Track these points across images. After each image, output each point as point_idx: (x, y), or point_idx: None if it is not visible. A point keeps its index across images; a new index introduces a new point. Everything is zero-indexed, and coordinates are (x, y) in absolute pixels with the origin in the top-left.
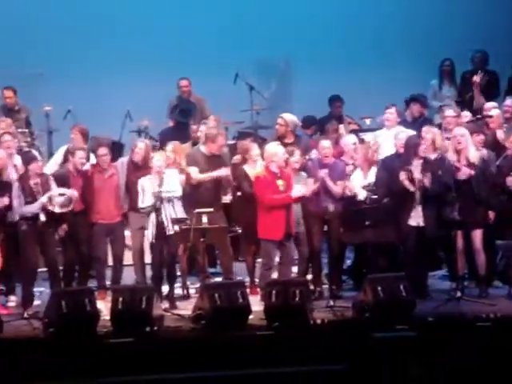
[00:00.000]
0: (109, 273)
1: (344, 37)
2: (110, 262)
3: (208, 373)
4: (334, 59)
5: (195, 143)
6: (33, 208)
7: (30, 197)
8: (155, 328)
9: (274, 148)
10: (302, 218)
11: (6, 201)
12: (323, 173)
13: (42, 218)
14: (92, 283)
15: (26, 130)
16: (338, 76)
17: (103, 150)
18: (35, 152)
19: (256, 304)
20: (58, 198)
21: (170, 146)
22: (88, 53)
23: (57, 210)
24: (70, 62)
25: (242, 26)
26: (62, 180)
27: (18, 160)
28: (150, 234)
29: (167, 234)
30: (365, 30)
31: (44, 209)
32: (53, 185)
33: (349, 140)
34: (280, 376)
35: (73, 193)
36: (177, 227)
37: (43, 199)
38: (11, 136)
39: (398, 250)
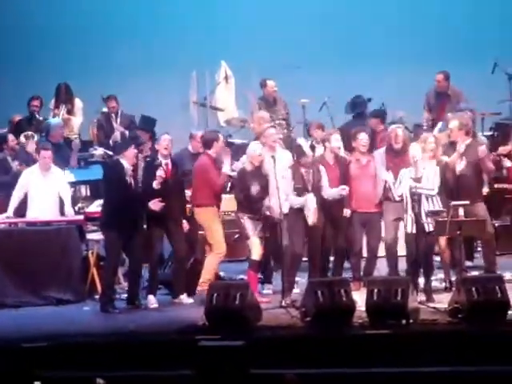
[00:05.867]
0: (361, 263)
1: None
2: (364, 252)
3: (464, 367)
4: None
5: None
6: (299, 201)
7: (300, 184)
8: (411, 321)
9: None
10: None
11: (255, 191)
12: None
13: (311, 208)
14: (345, 273)
15: (284, 122)
16: None
17: (364, 135)
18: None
19: None
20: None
21: (432, 137)
22: (340, 45)
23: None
24: (324, 55)
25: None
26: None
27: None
28: (409, 225)
29: (426, 230)
30: None
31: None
32: (324, 176)
33: None
34: None
35: (344, 189)
36: (432, 220)
37: (309, 196)
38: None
39: None
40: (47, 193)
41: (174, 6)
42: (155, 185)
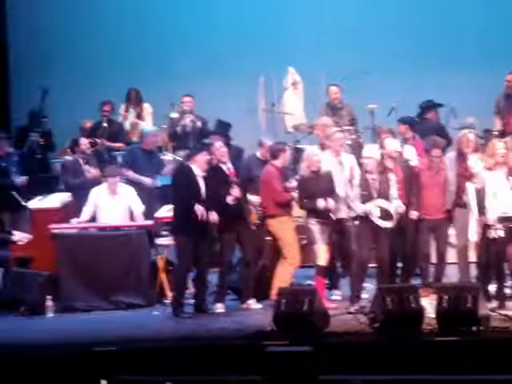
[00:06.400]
0: (430, 270)
1: None
2: (433, 259)
3: None
4: None
5: None
6: (363, 208)
7: (366, 191)
8: (481, 328)
9: None
10: None
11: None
12: None
13: (377, 213)
14: (413, 280)
15: (351, 128)
16: None
17: (438, 152)
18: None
19: None
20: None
21: (500, 143)
22: (409, 49)
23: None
24: (393, 59)
25: None
26: None
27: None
28: (471, 232)
29: (492, 235)
30: None
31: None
32: (394, 185)
33: None
34: None
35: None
36: (503, 226)
37: (367, 207)
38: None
39: None
40: (116, 210)
41: (242, 12)
42: (230, 201)
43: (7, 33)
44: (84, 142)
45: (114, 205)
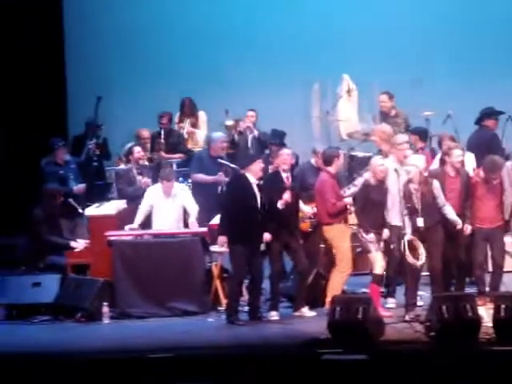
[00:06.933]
0: (486, 278)
1: None
2: (489, 267)
3: None
4: None
5: None
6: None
7: (409, 203)
8: None
9: None
10: None
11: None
12: None
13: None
14: (469, 288)
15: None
16: None
17: (497, 175)
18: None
19: None
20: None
21: None
22: (465, 56)
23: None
24: (448, 65)
25: None
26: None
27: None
28: None
29: None
30: None
31: None
32: (440, 194)
33: None
34: None
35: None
36: None
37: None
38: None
39: None
40: (171, 211)
41: (296, 19)
42: (280, 205)
43: (64, 42)
44: (137, 150)
45: (169, 205)
